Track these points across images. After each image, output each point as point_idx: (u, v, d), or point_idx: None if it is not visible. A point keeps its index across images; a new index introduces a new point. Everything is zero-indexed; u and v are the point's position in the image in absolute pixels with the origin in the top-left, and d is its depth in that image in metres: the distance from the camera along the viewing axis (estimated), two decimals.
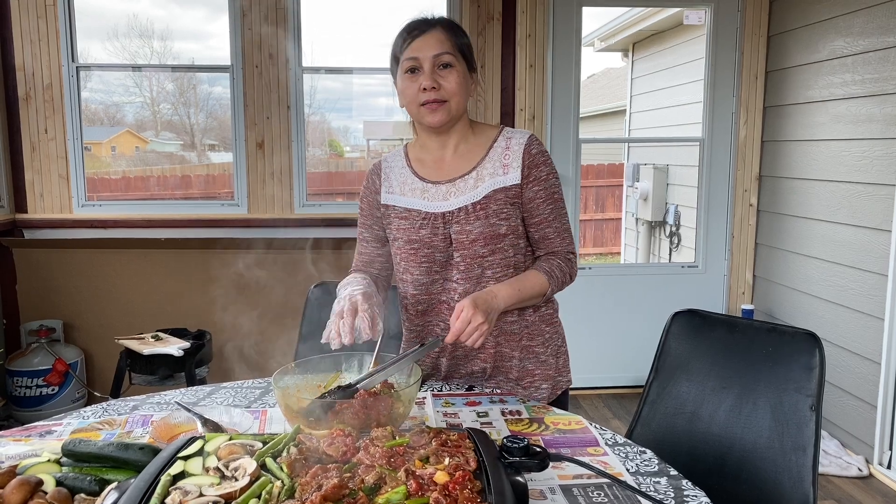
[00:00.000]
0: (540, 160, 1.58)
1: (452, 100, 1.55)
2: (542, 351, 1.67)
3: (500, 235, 1.56)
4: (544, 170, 1.59)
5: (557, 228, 1.61)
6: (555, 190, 1.60)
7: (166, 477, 0.98)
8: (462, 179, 1.60)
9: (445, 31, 1.55)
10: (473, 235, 1.56)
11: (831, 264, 3.29)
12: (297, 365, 1.46)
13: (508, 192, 1.57)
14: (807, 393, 1.51)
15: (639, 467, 1.22)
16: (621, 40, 6.83)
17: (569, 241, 1.63)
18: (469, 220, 1.56)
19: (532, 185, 1.58)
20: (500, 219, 1.56)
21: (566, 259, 1.61)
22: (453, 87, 1.54)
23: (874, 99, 3.02)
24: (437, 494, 0.92)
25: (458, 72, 1.54)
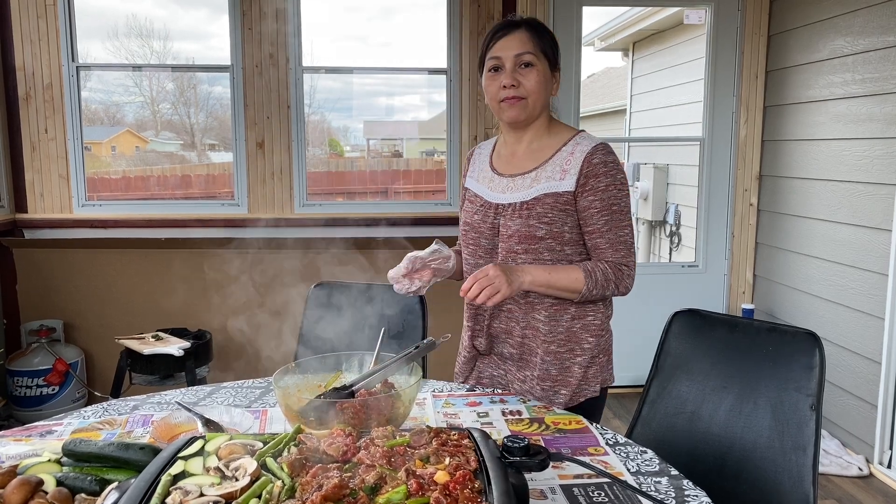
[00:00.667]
0: (600, 171, 1.57)
1: (530, 97, 1.59)
2: (568, 357, 1.65)
3: (536, 238, 1.59)
4: (603, 181, 1.57)
5: (611, 240, 1.59)
6: (614, 202, 1.58)
7: (167, 477, 0.97)
8: (522, 177, 1.65)
9: (529, 31, 1.60)
10: (511, 231, 1.61)
11: (831, 264, 3.29)
12: (297, 365, 1.46)
13: (559, 198, 1.58)
14: (807, 392, 1.51)
15: (640, 467, 1.22)
16: (621, 40, 6.83)
17: (624, 254, 1.60)
18: (513, 217, 1.61)
19: (588, 194, 1.57)
20: (542, 222, 1.59)
21: (616, 267, 1.59)
22: (532, 85, 1.58)
23: (874, 98, 3.02)
24: (438, 494, 0.92)
25: (539, 71, 1.59)
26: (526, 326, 1.65)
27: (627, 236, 1.61)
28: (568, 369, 1.65)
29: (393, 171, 6.20)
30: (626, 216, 1.60)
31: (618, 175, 1.59)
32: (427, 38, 3.98)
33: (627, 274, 1.61)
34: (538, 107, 1.61)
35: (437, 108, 4.24)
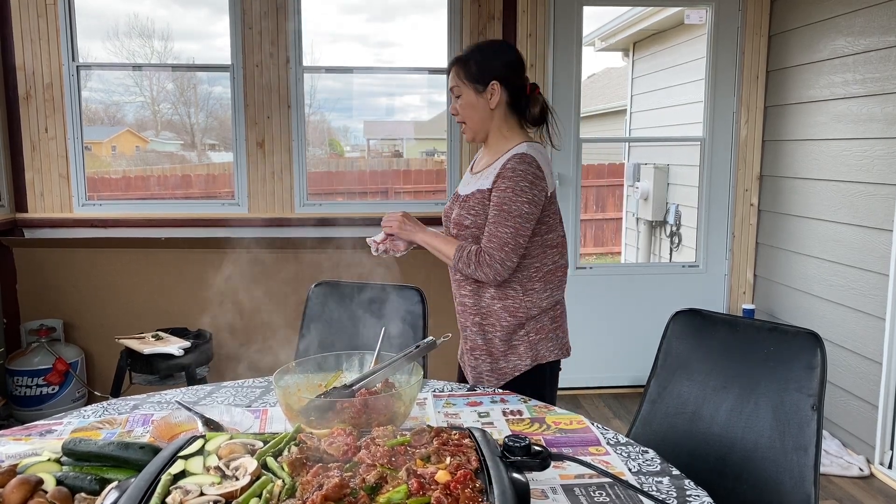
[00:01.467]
0: (508, 174, 1.81)
1: (468, 121, 1.91)
2: (491, 331, 1.90)
3: (464, 225, 1.88)
4: (506, 183, 1.80)
5: (491, 231, 1.81)
6: (505, 202, 1.79)
7: (167, 476, 0.97)
8: (476, 175, 1.95)
9: (456, 66, 1.89)
10: (451, 220, 1.94)
11: (832, 264, 3.28)
12: (297, 364, 1.46)
13: (484, 194, 1.85)
14: (808, 393, 1.51)
15: (641, 467, 1.22)
16: (622, 40, 6.82)
17: (494, 245, 1.79)
18: (456, 207, 1.93)
19: (495, 191, 1.83)
20: (470, 213, 1.87)
21: (480, 253, 1.82)
22: (464, 111, 1.90)
23: (875, 98, 3.02)
24: (439, 494, 0.92)
25: (465, 98, 1.88)
26: (459, 303, 1.98)
27: (506, 235, 1.79)
28: (490, 341, 1.90)
29: (393, 171, 6.20)
30: (513, 218, 1.79)
31: (521, 182, 1.79)
32: (427, 39, 3.98)
33: (489, 263, 1.80)
34: (476, 126, 1.91)
35: (437, 109, 4.23)
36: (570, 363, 3.98)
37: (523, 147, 1.83)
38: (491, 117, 1.88)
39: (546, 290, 1.90)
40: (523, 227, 1.79)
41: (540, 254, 1.87)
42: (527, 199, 1.78)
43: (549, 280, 1.90)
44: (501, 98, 1.86)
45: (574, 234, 3.90)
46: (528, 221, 1.80)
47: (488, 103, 1.86)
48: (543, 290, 1.89)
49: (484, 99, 1.86)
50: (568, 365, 4.01)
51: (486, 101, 1.86)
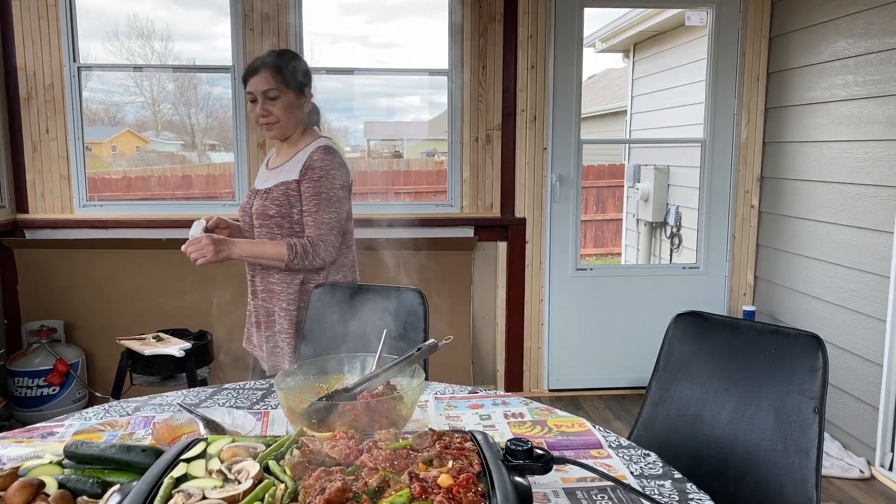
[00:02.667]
0: (317, 165, 2.03)
1: (281, 121, 2.08)
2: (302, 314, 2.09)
3: (268, 216, 2.06)
4: (318, 173, 2.03)
5: (315, 220, 2.02)
6: (322, 190, 2.02)
7: (169, 479, 0.97)
8: (273, 170, 2.14)
9: (271, 71, 2.05)
10: (253, 211, 2.11)
11: (833, 266, 3.28)
12: (299, 366, 1.46)
13: (289, 186, 2.05)
14: (810, 395, 1.51)
15: (643, 470, 1.22)
16: (622, 41, 6.82)
17: (320, 232, 2.02)
18: (257, 200, 2.10)
19: (305, 182, 2.03)
20: (274, 204, 2.05)
21: (312, 242, 2.01)
22: (279, 112, 2.07)
23: (876, 100, 3.02)
24: (441, 498, 0.92)
25: (283, 101, 2.06)
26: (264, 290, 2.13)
27: (329, 220, 2.03)
28: (301, 323, 2.08)
29: (393, 172, 6.21)
30: (331, 203, 2.03)
31: (331, 171, 2.04)
32: (428, 40, 3.98)
33: (323, 248, 2.03)
34: (290, 125, 2.10)
35: (437, 109, 4.23)
36: (570, 364, 4.01)
37: (324, 141, 2.09)
38: (300, 120, 2.11)
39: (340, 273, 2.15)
40: (340, 210, 2.05)
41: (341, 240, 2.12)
42: (339, 185, 2.05)
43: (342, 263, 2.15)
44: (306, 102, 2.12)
45: (574, 235, 3.90)
46: (343, 205, 2.07)
47: (303, 108, 2.11)
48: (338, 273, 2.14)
49: (300, 104, 2.10)
50: (568, 366, 4.04)
51: (302, 104, 2.11)
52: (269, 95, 2.05)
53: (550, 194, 3.83)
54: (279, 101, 2.05)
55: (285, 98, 2.06)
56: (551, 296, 3.91)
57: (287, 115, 2.08)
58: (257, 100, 2.06)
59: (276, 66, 2.06)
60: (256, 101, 2.07)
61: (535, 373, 3.96)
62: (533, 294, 3.89)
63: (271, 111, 2.06)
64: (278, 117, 2.07)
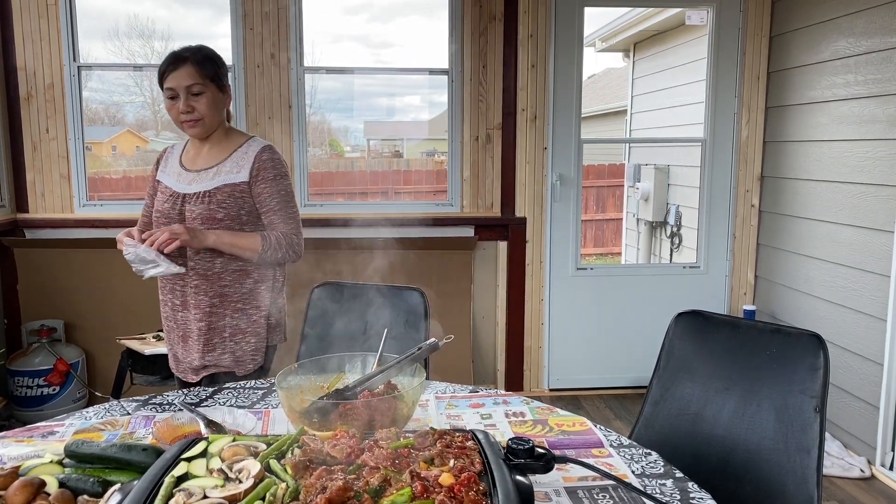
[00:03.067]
0: (268, 165, 1.98)
1: (206, 118, 1.97)
2: (254, 313, 2.01)
3: (216, 219, 1.95)
4: (272, 172, 1.98)
5: (282, 216, 1.99)
6: (282, 188, 2.00)
7: (170, 478, 0.97)
8: (206, 171, 2.01)
9: (194, 65, 1.94)
10: (195, 215, 1.96)
11: (833, 265, 3.28)
12: (300, 366, 1.45)
13: (236, 188, 1.96)
14: (811, 394, 1.51)
15: (644, 469, 1.22)
16: (622, 40, 6.82)
17: (293, 227, 2.01)
18: (197, 203, 1.97)
19: (260, 183, 1.97)
20: (221, 207, 1.95)
21: (287, 237, 1.99)
22: (204, 108, 1.96)
23: (877, 100, 3.01)
24: (443, 496, 0.92)
25: (208, 96, 1.96)
26: (214, 296, 1.98)
27: (295, 214, 2.02)
28: (256, 322, 2.02)
29: (393, 172, 6.20)
30: (293, 199, 2.03)
31: (281, 169, 2.02)
32: (428, 39, 3.98)
33: (296, 242, 2.00)
34: (214, 123, 2.00)
35: (437, 109, 4.23)
36: (570, 364, 4.01)
37: (260, 141, 2.04)
38: (222, 115, 2.03)
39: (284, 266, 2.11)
40: (297, 206, 2.05)
41: None
42: (290, 182, 2.04)
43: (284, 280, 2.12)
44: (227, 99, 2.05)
45: (575, 235, 3.90)
46: (295, 200, 2.05)
47: (226, 104, 2.03)
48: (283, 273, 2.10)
49: (223, 98, 2.01)
50: (569, 365, 4.03)
51: (224, 99, 2.02)
52: (193, 91, 1.93)
53: (551, 194, 3.83)
54: (204, 97, 1.94)
55: (210, 93, 1.95)
56: (551, 295, 3.91)
57: (211, 112, 1.97)
58: (178, 96, 1.93)
59: (198, 59, 1.95)
60: (177, 98, 1.94)
61: (535, 372, 3.95)
62: (533, 293, 3.88)
63: (195, 107, 1.94)
64: (202, 114, 1.95)
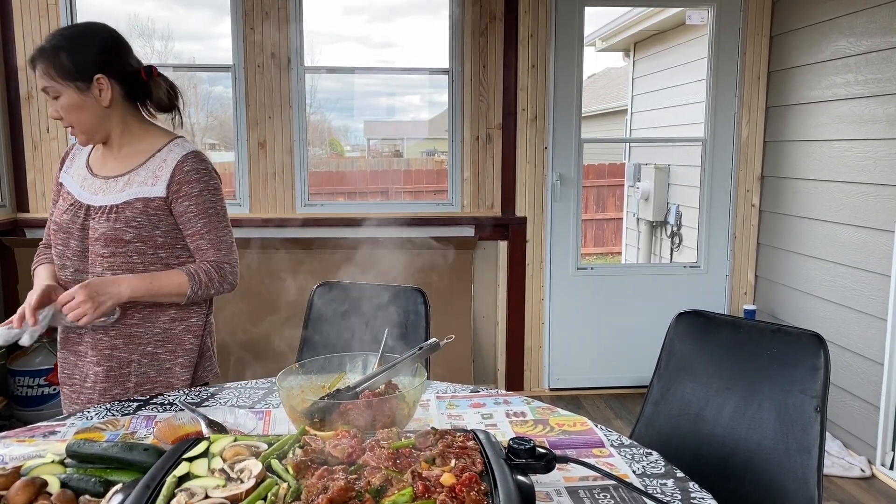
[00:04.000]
0: (192, 178, 1.62)
1: (77, 125, 1.60)
2: (169, 359, 1.68)
3: (123, 241, 1.60)
4: (196, 187, 1.62)
5: (212, 240, 1.65)
6: (209, 206, 1.64)
7: (171, 478, 0.97)
8: (115, 180, 1.65)
9: (44, 63, 1.55)
10: (97, 234, 1.61)
11: (834, 265, 3.28)
12: (301, 365, 1.45)
13: (150, 203, 1.61)
14: (812, 394, 1.51)
15: (645, 469, 1.22)
16: (623, 40, 6.82)
17: (225, 253, 1.67)
18: (101, 220, 1.61)
19: (182, 199, 1.62)
20: (130, 226, 1.60)
21: (218, 266, 1.66)
22: (68, 115, 1.59)
23: (877, 99, 3.02)
24: (444, 496, 0.92)
25: (67, 99, 1.57)
26: (116, 336, 1.65)
27: (227, 236, 1.69)
28: (169, 370, 1.68)
29: (394, 171, 6.21)
30: (223, 218, 1.68)
31: (210, 181, 1.65)
32: (428, 39, 3.98)
33: (230, 271, 1.68)
34: (97, 129, 1.62)
35: (437, 109, 4.24)
36: (571, 363, 4.01)
37: (185, 145, 1.67)
38: (108, 116, 1.62)
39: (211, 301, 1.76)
40: (230, 225, 1.71)
41: None
42: (221, 196, 1.69)
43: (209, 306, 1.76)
44: (115, 93, 1.61)
45: (575, 234, 3.90)
46: (228, 218, 1.71)
47: (99, 102, 1.59)
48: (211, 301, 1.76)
49: (92, 97, 1.58)
50: (569, 365, 4.04)
51: (96, 99, 1.59)
52: (50, 95, 1.58)
53: (551, 193, 3.83)
54: (63, 102, 1.57)
55: (65, 97, 1.57)
56: (552, 295, 3.91)
57: (80, 118, 1.59)
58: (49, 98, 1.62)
59: (49, 53, 1.56)
60: None
61: (535, 372, 3.96)
62: (533, 293, 3.88)
63: (62, 114, 1.59)
64: (72, 121, 1.59)
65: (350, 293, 2.11)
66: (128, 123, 1.66)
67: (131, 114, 1.67)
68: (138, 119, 1.68)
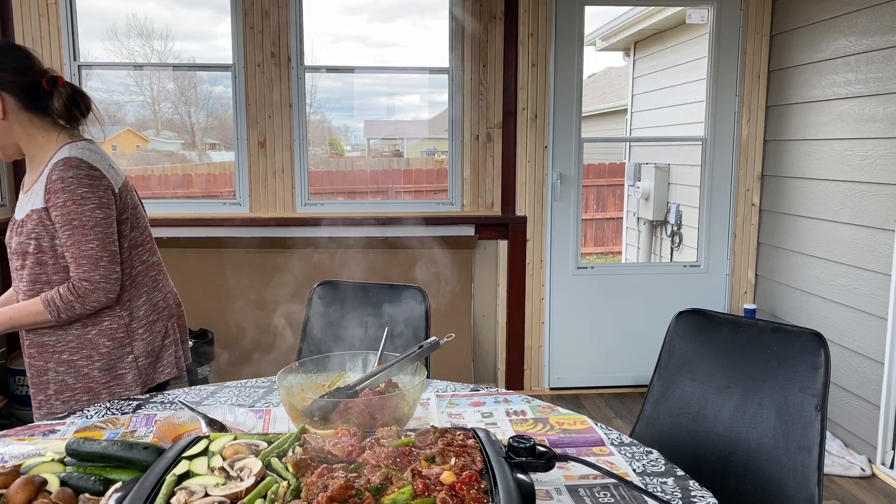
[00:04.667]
0: (58, 187, 1.57)
1: None
2: (86, 364, 1.68)
3: (28, 253, 1.63)
4: (62, 196, 1.57)
5: (74, 255, 1.60)
6: (73, 217, 1.58)
7: (171, 477, 0.97)
8: (27, 193, 1.68)
9: None
10: (11, 249, 1.67)
11: (834, 264, 3.28)
12: (301, 364, 1.45)
13: (40, 214, 1.61)
14: (812, 393, 1.51)
15: (645, 467, 1.22)
16: (622, 39, 6.82)
17: (86, 269, 1.60)
18: (13, 235, 1.66)
19: (53, 210, 1.59)
20: (31, 238, 1.62)
21: (73, 288, 1.61)
22: None
23: (877, 98, 3.01)
24: (444, 495, 0.92)
25: None
26: (30, 345, 1.70)
27: (93, 250, 1.60)
28: (87, 375, 1.69)
29: (394, 171, 6.20)
30: (90, 230, 1.60)
31: (77, 189, 1.58)
32: (428, 38, 3.98)
33: (90, 289, 1.60)
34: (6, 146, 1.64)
35: (437, 108, 4.23)
36: (571, 363, 4.00)
37: (65, 151, 1.61)
38: (9, 128, 1.61)
39: (142, 297, 1.73)
40: (107, 233, 1.62)
41: (126, 258, 1.69)
42: (95, 205, 1.59)
43: (141, 284, 1.74)
44: (12, 106, 1.60)
45: (575, 234, 3.90)
46: (110, 226, 1.62)
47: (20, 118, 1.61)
48: (139, 298, 1.73)
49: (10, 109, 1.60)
50: (569, 364, 4.03)
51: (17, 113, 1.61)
52: None
53: (551, 192, 3.83)
54: None
55: None
56: (552, 294, 3.91)
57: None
58: None
59: None
60: None
61: (535, 371, 3.95)
62: (533, 292, 3.88)
63: None
64: None
65: (350, 292, 2.11)
66: (32, 135, 1.65)
67: (36, 125, 1.65)
68: (44, 129, 1.66)
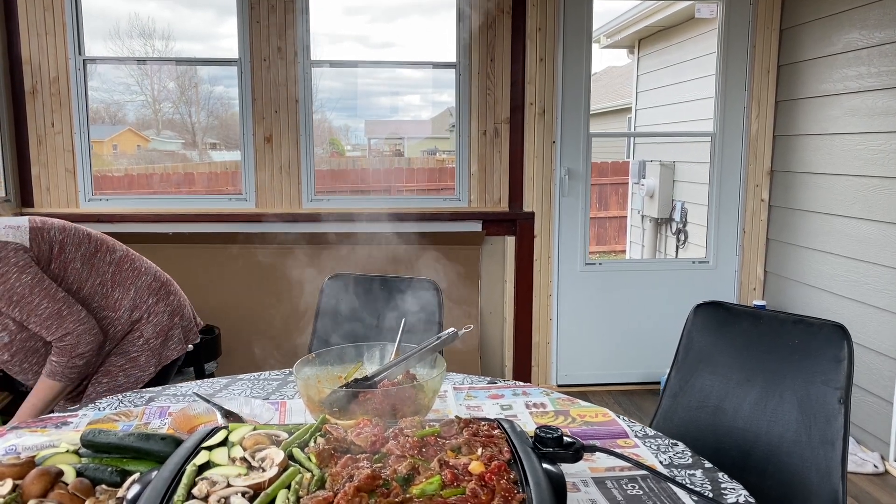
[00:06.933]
0: None
1: None
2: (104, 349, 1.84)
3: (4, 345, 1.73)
4: None
5: (37, 323, 1.66)
6: (7, 296, 1.63)
7: (192, 467, 0.95)
8: None
9: None
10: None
11: (846, 259, 3.26)
12: (317, 355, 1.43)
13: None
14: (835, 385, 1.48)
15: (672, 459, 1.19)
16: (627, 36, 6.79)
17: (55, 329, 1.67)
18: None
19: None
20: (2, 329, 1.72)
21: (59, 349, 1.69)
22: None
23: (890, 92, 2.99)
24: (474, 485, 0.89)
25: None
26: None
27: (47, 310, 1.65)
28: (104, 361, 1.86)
29: (395, 170, 6.18)
30: (30, 296, 1.64)
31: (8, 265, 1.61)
32: (432, 38, 3.95)
33: (74, 342, 1.68)
34: None
35: (438, 108, 4.21)
36: (579, 359, 3.98)
37: None
38: None
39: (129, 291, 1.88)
40: (47, 288, 1.65)
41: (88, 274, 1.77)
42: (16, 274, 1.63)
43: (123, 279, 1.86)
44: None
45: (583, 229, 3.87)
46: (43, 280, 1.65)
47: None
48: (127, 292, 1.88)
49: None
50: (577, 361, 4.01)
51: None
52: None
53: (559, 188, 3.81)
54: None
55: None
56: (560, 290, 3.88)
57: None
58: None
59: None
60: None
61: (543, 368, 3.93)
62: (541, 288, 3.86)
63: None
64: None
65: (361, 285, 2.09)
66: None
67: None
68: None
